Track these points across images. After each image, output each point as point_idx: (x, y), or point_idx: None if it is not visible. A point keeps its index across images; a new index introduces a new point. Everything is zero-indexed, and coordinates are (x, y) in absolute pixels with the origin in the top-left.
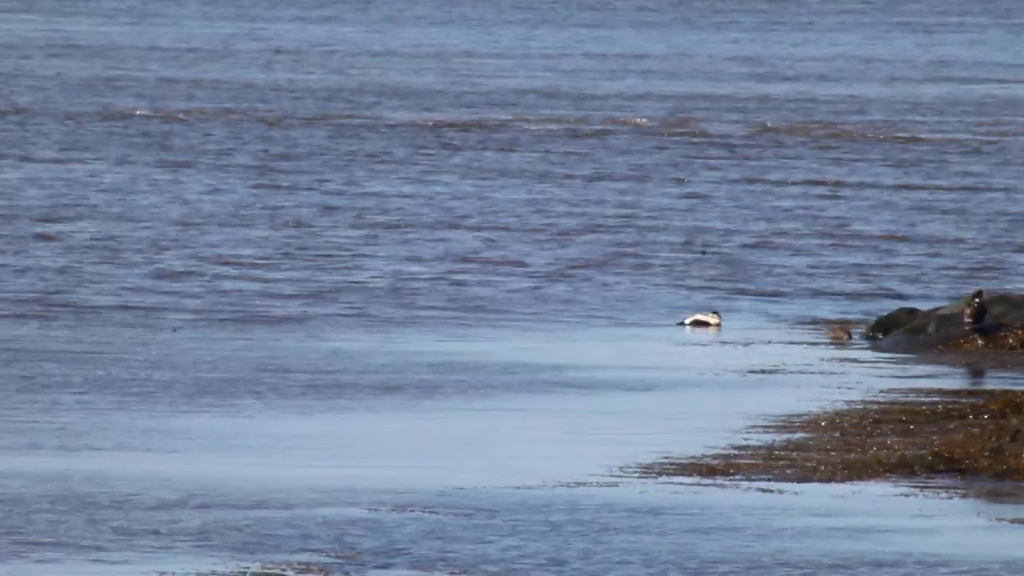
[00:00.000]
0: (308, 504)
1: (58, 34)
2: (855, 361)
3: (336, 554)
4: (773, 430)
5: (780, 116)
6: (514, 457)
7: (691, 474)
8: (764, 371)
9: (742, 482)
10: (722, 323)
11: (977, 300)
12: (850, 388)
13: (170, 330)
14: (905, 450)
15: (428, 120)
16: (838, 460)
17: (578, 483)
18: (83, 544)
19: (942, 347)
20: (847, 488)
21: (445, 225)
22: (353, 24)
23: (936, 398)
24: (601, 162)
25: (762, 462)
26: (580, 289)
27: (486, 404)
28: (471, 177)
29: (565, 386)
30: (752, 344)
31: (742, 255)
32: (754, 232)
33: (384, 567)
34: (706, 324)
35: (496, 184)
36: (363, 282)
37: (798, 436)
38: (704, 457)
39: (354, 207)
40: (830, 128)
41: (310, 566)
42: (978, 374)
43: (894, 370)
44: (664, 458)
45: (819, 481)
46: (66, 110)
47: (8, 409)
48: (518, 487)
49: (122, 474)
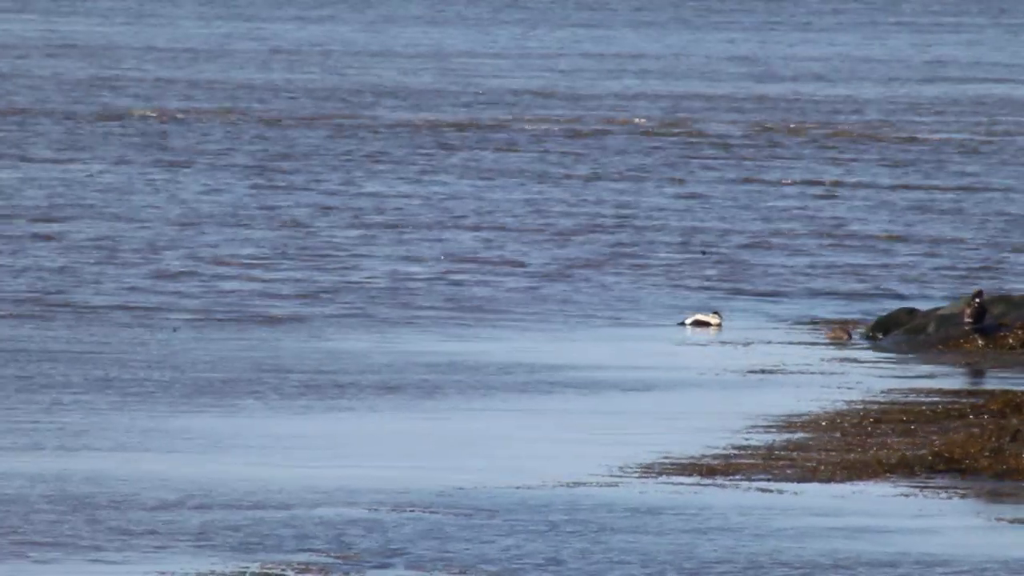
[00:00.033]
0: (307, 504)
1: (55, 34)
2: (855, 361)
3: (335, 554)
4: (773, 430)
5: (777, 116)
6: (514, 457)
7: (691, 474)
8: (764, 371)
9: (742, 482)
10: (723, 323)
11: (977, 300)
12: (850, 388)
13: (170, 330)
14: (905, 450)
15: (426, 120)
16: (838, 460)
17: (578, 483)
18: (82, 544)
19: (942, 347)
20: (847, 488)
21: (443, 225)
22: (350, 24)
23: (936, 398)
24: (599, 162)
25: (762, 462)
26: (579, 289)
27: (485, 404)
28: (469, 177)
29: (564, 386)
30: (752, 344)
31: (741, 255)
32: (752, 232)
33: (383, 567)
34: (707, 324)
35: (494, 184)
36: (361, 282)
37: (798, 436)
38: (704, 457)
39: (352, 207)
40: (827, 128)
41: (309, 566)
42: (978, 374)
43: (894, 370)
44: (664, 458)
45: (819, 481)
46: (64, 110)
47: (7, 409)
48: (518, 487)
49: (121, 474)
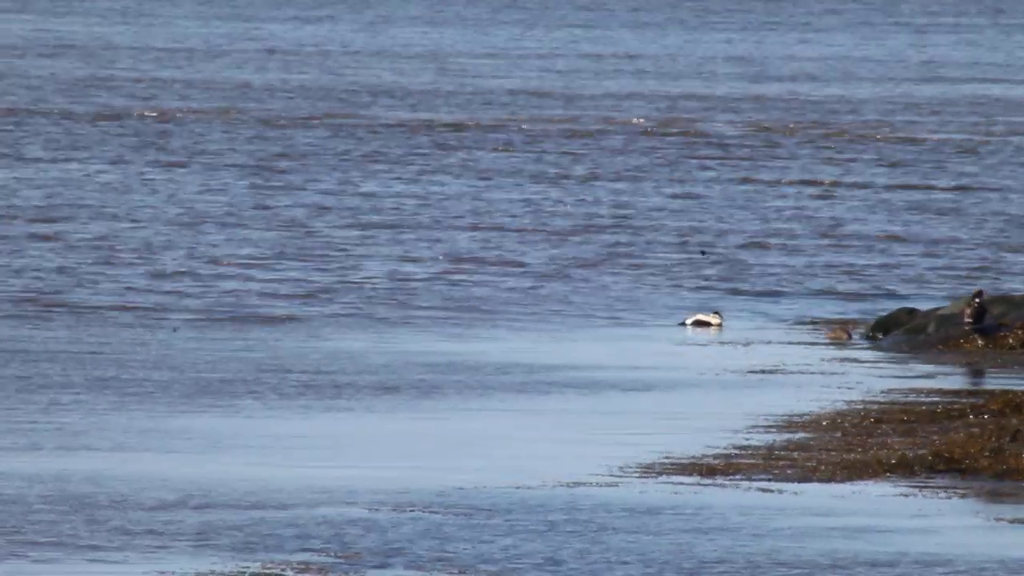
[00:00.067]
0: (307, 504)
1: (52, 34)
2: (855, 361)
3: (335, 554)
4: (773, 430)
5: (775, 116)
6: (513, 457)
7: (691, 474)
8: (764, 371)
9: (742, 482)
10: (723, 323)
11: (977, 300)
12: (850, 388)
13: (169, 330)
14: (905, 450)
15: (423, 120)
16: (838, 460)
17: (577, 483)
18: (81, 544)
19: (942, 347)
20: (847, 488)
21: (441, 225)
22: (348, 24)
23: (936, 398)
24: (596, 162)
25: (762, 462)
26: (577, 289)
27: (484, 404)
28: (467, 177)
29: (563, 386)
30: (752, 344)
31: (739, 255)
32: (750, 232)
33: (382, 567)
34: (708, 324)
35: (492, 184)
36: (359, 282)
37: (798, 436)
38: (704, 457)
39: (350, 207)
40: (825, 128)
41: (309, 565)
42: (978, 374)
43: (894, 370)
44: (664, 458)
45: (819, 481)
46: (61, 110)
47: (6, 409)
48: (517, 487)
49: (121, 474)
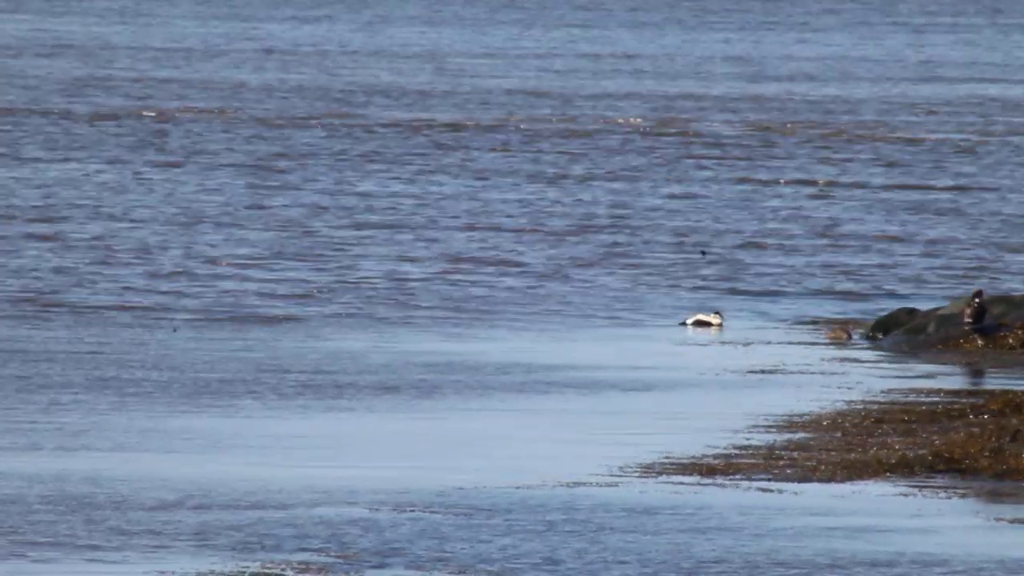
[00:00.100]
0: (306, 504)
1: (49, 34)
2: (855, 361)
3: (334, 554)
4: (774, 430)
5: (772, 116)
6: (513, 457)
7: (691, 474)
8: (764, 371)
9: (742, 482)
10: (723, 323)
11: (977, 300)
12: (850, 388)
13: (169, 330)
14: (905, 450)
15: (421, 120)
16: (838, 460)
17: (577, 483)
18: (81, 544)
19: (942, 347)
20: (847, 488)
21: (438, 225)
22: (346, 24)
23: (936, 398)
24: (594, 162)
25: (762, 462)
26: (576, 289)
27: (483, 404)
28: (464, 177)
29: (563, 386)
30: (752, 344)
31: (736, 255)
32: (748, 232)
33: (381, 567)
34: (708, 324)
35: (489, 184)
36: (357, 282)
37: (799, 436)
38: (704, 457)
39: (348, 207)
40: (823, 128)
41: (309, 565)
42: (978, 374)
43: (894, 370)
44: (664, 458)
45: (819, 481)
46: (59, 110)
47: (6, 409)
48: (518, 487)
49: (120, 474)
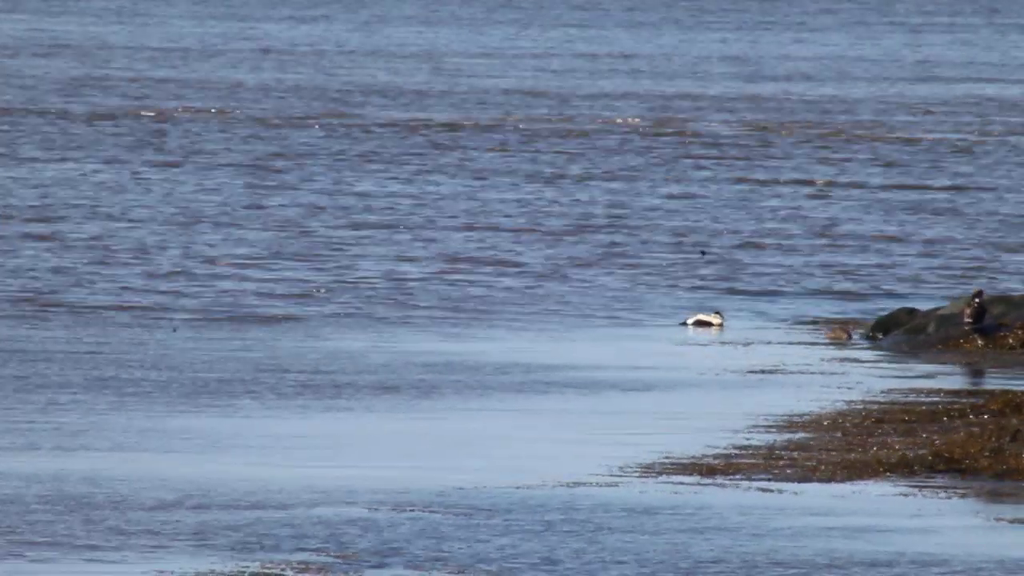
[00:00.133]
0: (306, 504)
1: (47, 34)
2: (855, 361)
3: (334, 553)
4: (774, 430)
5: (770, 116)
6: (513, 457)
7: (691, 474)
8: (764, 371)
9: (742, 482)
10: (724, 323)
11: (977, 300)
12: (850, 388)
13: (169, 330)
14: (905, 450)
15: (418, 120)
16: (838, 460)
17: (577, 483)
18: (79, 544)
19: (942, 347)
20: (847, 488)
21: (436, 225)
22: (344, 24)
23: (936, 398)
24: (592, 161)
25: (763, 462)
26: (574, 289)
27: (483, 404)
28: (462, 177)
29: (563, 386)
30: (752, 344)
31: (735, 255)
32: (746, 232)
33: (380, 566)
34: (709, 324)
35: (487, 184)
36: (355, 282)
37: (799, 436)
38: (705, 457)
39: (345, 207)
40: (820, 128)
41: (309, 565)
42: (978, 374)
43: (894, 370)
44: (665, 458)
45: (819, 481)
46: (56, 109)
47: (4, 409)
48: (518, 487)
49: (119, 474)
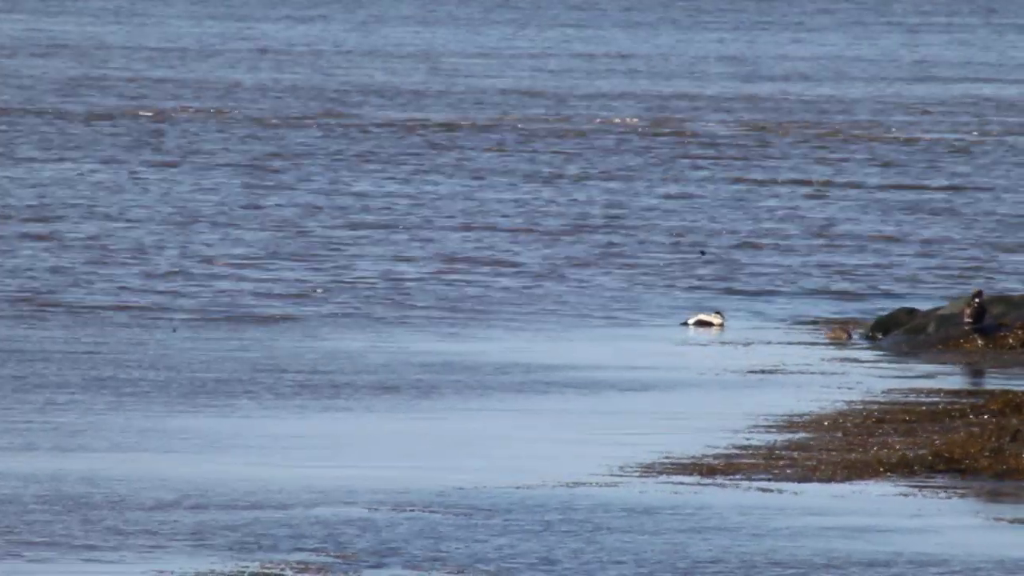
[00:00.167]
0: (304, 504)
1: (44, 34)
2: (855, 361)
3: (333, 553)
4: (774, 430)
5: (767, 116)
6: (513, 457)
7: (691, 474)
8: (764, 371)
9: (742, 482)
10: (725, 323)
11: (977, 300)
12: (850, 388)
13: (169, 330)
14: (905, 450)
15: (416, 120)
16: (838, 460)
17: (577, 483)
18: (77, 544)
19: (942, 347)
20: (847, 488)
21: (434, 225)
22: (340, 24)
23: (936, 398)
24: (589, 161)
25: (763, 462)
26: (572, 289)
27: (482, 404)
28: (459, 177)
29: (562, 386)
30: (752, 344)
31: (732, 255)
32: (744, 232)
33: (379, 566)
34: (710, 324)
35: (484, 184)
36: (353, 282)
37: (799, 436)
38: (705, 457)
39: (342, 207)
40: (818, 128)
41: (308, 565)
42: (978, 374)
43: (894, 370)
44: (665, 458)
45: (819, 481)
46: (54, 109)
47: (2, 409)
48: (518, 487)
49: (117, 474)
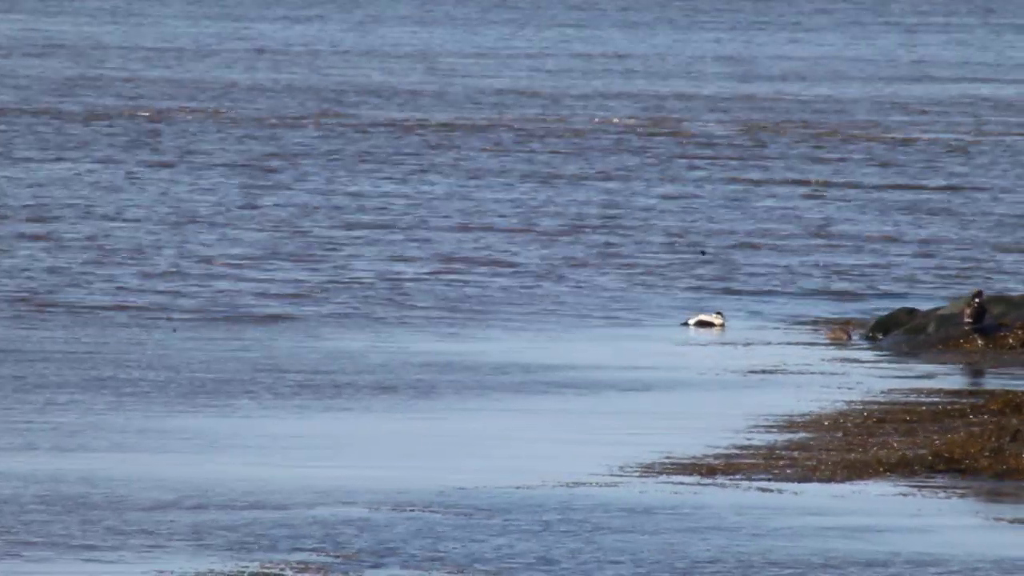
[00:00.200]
0: (304, 504)
1: (41, 34)
2: (855, 361)
3: (332, 553)
4: (774, 430)
5: (764, 116)
6: (513, 457)
7: (692, 474)
8: (765, 371)
9: (742, 482)
10: (725, 323)
11: (977, 300)
12: (851, 388)
13: (168, 330)
14: (905, 450)
15: (413, 120)
16: (838, 460)
17: (577, 483)
18: (76, 544)
19: (942, 347)
20: (846, 488)
21: (431, 225)
22: (337, 24)
23: (936, 398)
24: (587, 161)
25: (763, 462)
26: (571, 289)
27: (482, 404)
28: (456, 177)
29: (562, 386)
30: (752, 344)
31: (731, 255)
32: (742, 232)
33: (378, 566)
34: (710, 324)
35: (481, 184)
36: (350, 282)
37: (799, 436)
38: (705, 457)
39: (339, 207)
40: (816, 128)
41: (308, 565)
42: (978, 374)
43: (894, 370)
44: (665, 458)
45: (819, 481)
46: (51, 110)
47: (2, 409)
48: (517, 487)
49: (116, 474)
